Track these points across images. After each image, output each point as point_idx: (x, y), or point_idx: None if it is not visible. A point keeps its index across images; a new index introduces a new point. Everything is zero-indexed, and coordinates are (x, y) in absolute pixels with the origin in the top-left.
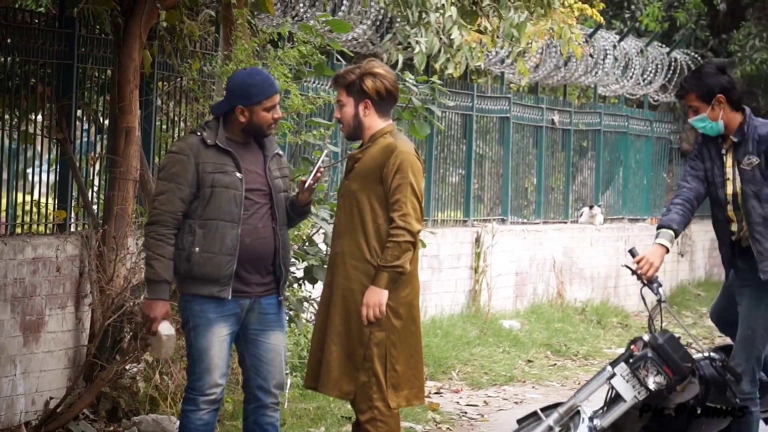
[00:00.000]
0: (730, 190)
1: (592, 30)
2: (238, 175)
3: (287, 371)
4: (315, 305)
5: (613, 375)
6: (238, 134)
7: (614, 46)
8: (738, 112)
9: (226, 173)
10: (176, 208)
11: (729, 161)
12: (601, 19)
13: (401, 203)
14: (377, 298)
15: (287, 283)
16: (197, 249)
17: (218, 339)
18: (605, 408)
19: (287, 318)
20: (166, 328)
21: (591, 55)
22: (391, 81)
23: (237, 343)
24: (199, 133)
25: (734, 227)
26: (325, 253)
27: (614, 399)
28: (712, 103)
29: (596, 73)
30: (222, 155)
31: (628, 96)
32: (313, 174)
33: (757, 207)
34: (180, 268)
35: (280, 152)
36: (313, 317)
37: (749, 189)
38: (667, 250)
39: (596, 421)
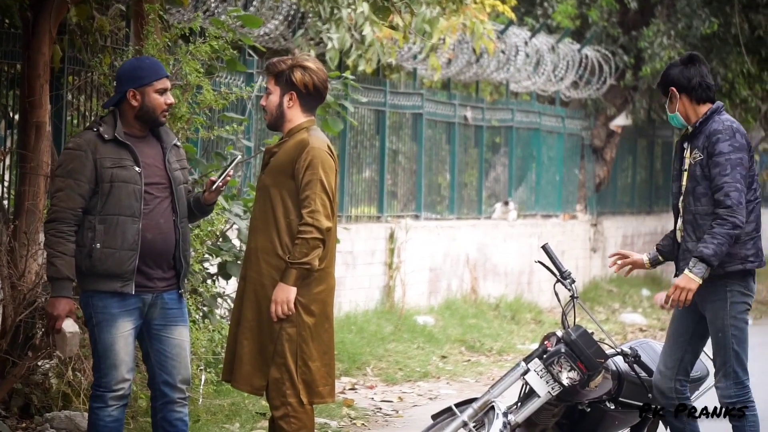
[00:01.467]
0: (684, 182)
1: (503, 26)
2: (137, 169)
3: (201, 367)
4: (229, 301)
5: (527, 371)
6: (134, 125)
7: (526, 43)
8: (702, 105)
9: (124, 167)
10: (75, 204)
11: (687, 153)
12: (513, 15)
13: (310, 200)
14: (285, 294)
15: (188, 277)
16: (98, 245)
17: (123, 334)
18: (519, 403)
19: (201, 314)
20: (69, 326)
21: (503, 52)
22: (321, 78)
23: (140, 339)
24: (95, 129)
25: (679, 223)
26: (238, 249)
27: (528, 394)
28: (669, 95)
29: (508, 69)
30: (120, 149)
31: (540, 92)
32: (222, 176)
33: (691, 204)
34: (81, 265)
35: (178, 143)
36: (227, 313)
37: (689, 184)
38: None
39: (510, 417)
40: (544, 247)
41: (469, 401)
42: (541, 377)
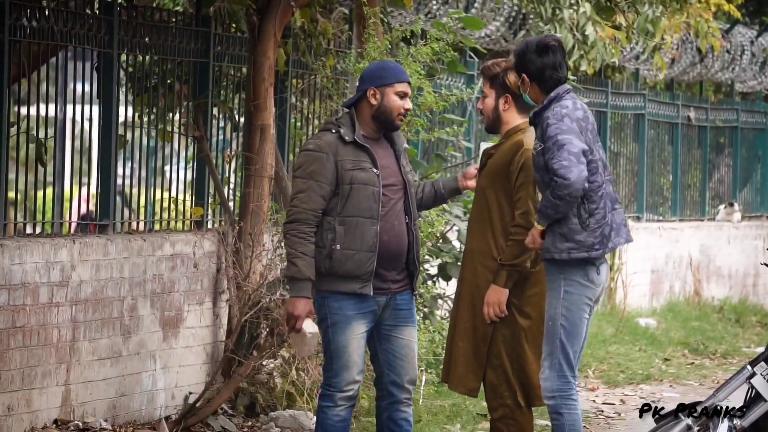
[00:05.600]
0: None
1: (728, 26)
2: (375, 171)
3: (422, 368)
4: (449, 302)
5: (753, 374)
6: (370, 126)
7: (752, 42)
8: (547, 94)
9: (363, 170)
10: (317, 205)
11: None
12: (739, 14)
13: (523, 201)
14: (496, 296)
15: (419, 279)
16: (338, 246)
17: (356, 336)
18: (745, 408)
19: (422, 315)
20: (309, 326)
21: (728, 51)
22: None
23: (369, 339)
24: (335, 130)
25: None
26: (458, 250)
27: (754, 399)
28: (521, 79)
29: (733, 69)
30: (359, 151)
31: (766, 92)
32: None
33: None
34: (321, 266)
35: (407, 146)
36: (446, 314)
37: (534, 174)
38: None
39: (736, 422)
40: None
41: (694, 405)
42: (767, 381)
